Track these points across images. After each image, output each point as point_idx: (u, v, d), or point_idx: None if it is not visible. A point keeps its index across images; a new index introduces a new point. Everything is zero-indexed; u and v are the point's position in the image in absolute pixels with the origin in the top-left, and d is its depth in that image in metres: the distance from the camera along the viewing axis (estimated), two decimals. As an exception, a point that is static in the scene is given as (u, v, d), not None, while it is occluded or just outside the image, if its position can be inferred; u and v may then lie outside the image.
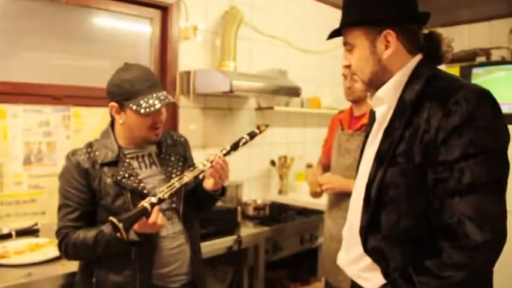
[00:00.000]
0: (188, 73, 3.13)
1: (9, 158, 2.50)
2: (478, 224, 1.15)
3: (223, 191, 1.90)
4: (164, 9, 3.12)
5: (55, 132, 2.66)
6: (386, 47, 1.34)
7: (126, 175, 1.72)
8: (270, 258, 3.00)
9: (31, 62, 2.66)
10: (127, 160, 1.76)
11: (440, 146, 1.21)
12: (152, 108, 1.67)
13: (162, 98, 1.70)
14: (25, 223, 2.47)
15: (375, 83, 1.40)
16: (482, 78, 4.37)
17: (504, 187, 1.22)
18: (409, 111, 1.30)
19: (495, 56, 4.65)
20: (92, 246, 1.64)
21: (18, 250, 2.10)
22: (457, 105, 1.20)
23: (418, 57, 1.37)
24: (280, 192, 3.89)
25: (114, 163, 1.74)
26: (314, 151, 4.16)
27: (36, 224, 2.43)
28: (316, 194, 2.66)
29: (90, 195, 1.72)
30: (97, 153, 1.75)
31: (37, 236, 2.37)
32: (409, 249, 1.29)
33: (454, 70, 4.58)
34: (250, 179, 3.72)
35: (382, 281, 1.33)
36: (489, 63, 4.52)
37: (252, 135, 1.82)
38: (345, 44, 1.43)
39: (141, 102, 1.67)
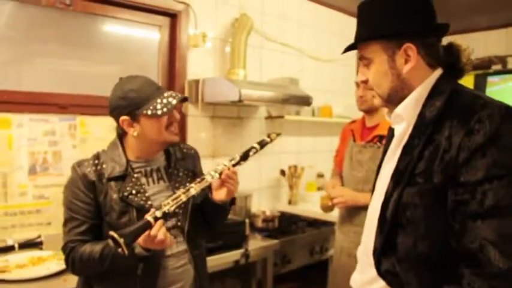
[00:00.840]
0: (197, 81, 3.09)
1: (14, 168, 2.46)
2: (502, 249, 1.08)
3: (232, 200, 1.82)
4: (173, 17, 3.08)
5: (61, 141, 2.63)
6: (406, 61, 1.27)
7: (134, 191, 1.65)
8: (278, 271, 2.94)
9: (39, 69, 2.63)
10: (135, 175, 1.69)
11: (462, 166, 1.14)
12: (169, 106, 1.61)
13: (174, 95, 1.65)
14: (30, 234, 2.43)
15: (393, 99, 1.33)
16: (497, 86, 4.29)
17: None
18: (429, 128, 1.23)
19: (511, 63, 4.55)
20: (99, 261, 1.57)
21: (20, 264, 2.06)
22: (481, 124, 1.13)
23: (439, 71, 1.31)
24: (290, 202, 3.83)
25: (121, 178, 1.66)
26: (325, 160, 4.10)
27: (39, 236, 2.39)
28: (327, 208, 2.60)
29: (96, 209, 1.65)
30: (104, 166, 1.68)
31: (41, 249, 2.33)
32: (425, 273, 1.22)
33: (469, 78, 4.50)
34: (260, 189, 3.65)
35: None
36: (505, 71, 4.43)
37: (263, 144, 1.74)
38: (361, 58, 1.36)
39: (155, 104, 1.62)
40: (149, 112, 1.61)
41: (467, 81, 4.48)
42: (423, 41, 1.28)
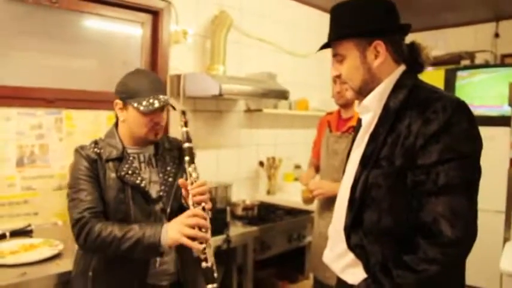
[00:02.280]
0: (178, 76, 3.19)
1: (2, 160, 2.53)
2: (451, 222, 1.26)
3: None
4: (155, 14, 3.18)
5: (48, 135, 2.70)
6: (376, 57, 1.45)
7: (130, 172, 1.80)
8: (258, 257, 3.07)
9: (24, 64, 2.70)
10: (130, 158, 1.85)
11: (419, 150, 1.32)
12: (151, 107, 1.76)
13: (162, 100, 1.80)
14: (18, 224, 2.51)
15: (364, 91, 1.50)
16: (466, 80, 4.48)
17: (476, 189, 1.33)
18: (392, 118, 1.40)
19: (479, 59, 4.77)
20: (119, 240, 1.65)
21: (13, 250, 2.14)
22: (435, 114, 1.31)
23: (402, 67, 1.48)
24: (268, 192, 3.97)
25: (118, 159, 1.82)
26: (302, 152, 4.25)
27: (29, 225, 2.49)
28: (308, 201, 2.71)
29: (99, 184, 1.78)
30: (102, 150, 1.83)
31: (31, 237, 2.42)
32: (388, 245, 1.39)
33: (440, 73, 4.69)
34: (239, 180, 3.79)
35: (364, 276, 1.42)
36: (473, 66, 4.63)
37: (188, 139, 1.79)
38: (335, 55, 1.52)
39: (142, 101, 1.77)
40: (135, 104, 1.77)
41: (439, 75, 4.68)
42: (390, 39, 1.45)
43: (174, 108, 1.90)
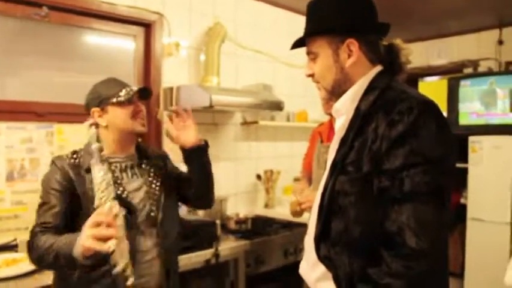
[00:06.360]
0: (171, 89, 3.18)
1: (-9, 175, 2.53)
2: (416, 232, 1.17)
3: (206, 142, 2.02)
4: (147, 26, 3.18)
5: (38, 148, 2.70)
6: (349, 56, 1.38)
7: (111, 182, 1.74)
8: (253, 272, 3.00)
9: (15, 79, 2.71)
10: (111, 167, 1.79)
11: (384, 155, 1.23)
12: (131, 92, 1.79)
13: (136, 87, 1.84)
14: (7, 239, 2.49)
15: (337, 91, 1.44)
16: (468, 89, 4.40)
17: (446, 197, 1.22)
18: (359, 120, 1.33)
19: (483, 67, 4.68)
20: (47, 250, 1.56)
21: (-5, 265, 2.13)
22: (400, 115, 1.23)
23: (378, 68, 1.41)
24: (266, 206, 3.90)
25: None
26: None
27: (14, 240, 2.47)
28: (296, 214, 2.63)
29: (70, 198, 1.71)
30: (81, 160, 1.78)
31: (16, 251, 2.40)
32: (356, 257, 1.30)
33: (443, 82, 4.62)
34: (237, 193, 3.74)
35: None
36: (476, 74, 4.55)
37: None
38: (308, 53, 1.47)
39: (120, 94, 1.79)
40: (114, 100, 1.78)
41: (442, 84, 4.61)
42: (365, 38, 1.39)
43: (150, 92, 1.95)
